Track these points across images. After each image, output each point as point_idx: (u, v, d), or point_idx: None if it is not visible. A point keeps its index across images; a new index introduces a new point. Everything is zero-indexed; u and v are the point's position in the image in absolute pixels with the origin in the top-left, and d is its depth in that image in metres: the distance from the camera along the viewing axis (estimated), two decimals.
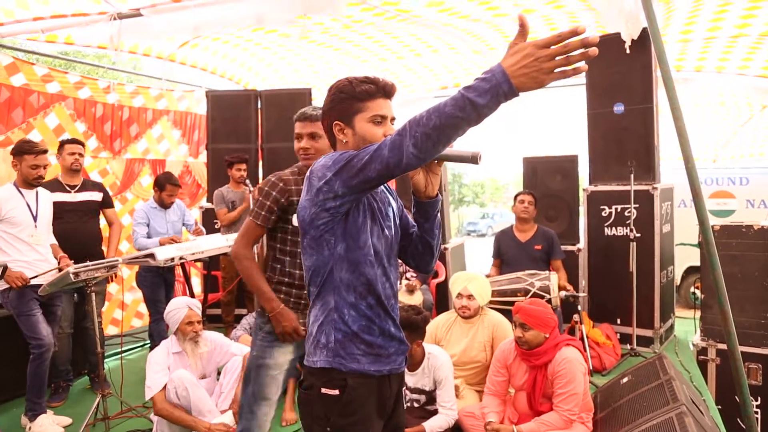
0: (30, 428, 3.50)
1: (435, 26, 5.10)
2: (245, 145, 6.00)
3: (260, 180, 6.13)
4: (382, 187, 1.76)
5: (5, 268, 2.74)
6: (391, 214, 1.76)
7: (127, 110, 6.24)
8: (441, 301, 5.41)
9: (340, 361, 1.61)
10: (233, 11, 3.76)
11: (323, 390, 1.63)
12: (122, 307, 5.71)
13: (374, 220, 1.67)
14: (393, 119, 1.71)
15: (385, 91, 1.69)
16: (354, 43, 6.05)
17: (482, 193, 36.81)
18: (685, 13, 4.82)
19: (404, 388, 3.25)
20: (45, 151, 3.69)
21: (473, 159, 1.56)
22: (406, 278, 4.86)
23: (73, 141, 4.29)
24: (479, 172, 36.22)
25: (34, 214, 3.66)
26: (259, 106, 6.12)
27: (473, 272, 4.03)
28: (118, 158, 6.20)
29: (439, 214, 1.77)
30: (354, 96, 1.66)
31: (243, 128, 6.09)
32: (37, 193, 3.74)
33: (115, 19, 4.17)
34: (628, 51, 4.57)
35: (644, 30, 4.52)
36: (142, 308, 6.37)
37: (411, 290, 4.70)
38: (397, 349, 1.70)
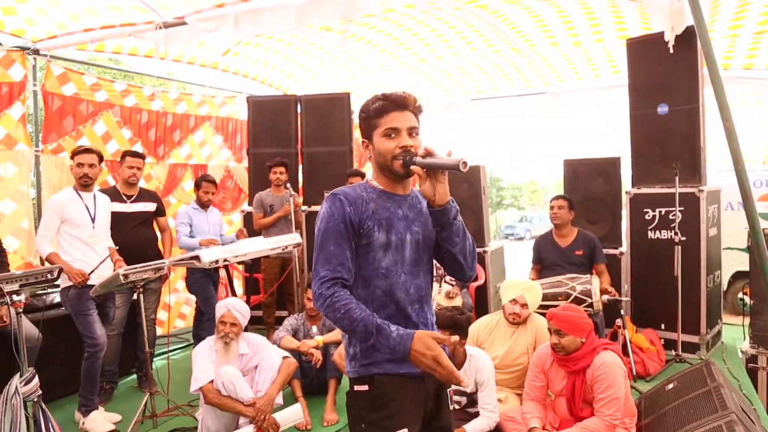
0: (83, 423, 3.64)
1: (473, 14, 5.06)
2: (285, 149, 6.10)
3: (300, 183, 6.22)
4: (386, 200, 1.79)
5: (60, 270, 2.86)
6: (401, 224, 1.78)
7: (170, 116, 6.43)
8: (480, 304, 5.38)
9: (368, 369, 1.75)
10: (273, 17, 3.83)
11: (355, 387, 1.77)
12: (167, 309, 5.87)
13: (381, 232, 1.75)
14: (411, 129, 1.76)
15: (397, 103, 1.76)
16: (389, 50, 6.10)
17: (520, 196, 36.37)
18: (733, 7, 4.68)
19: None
20: (88, 151, 3.83)
21: (458, 166, 1.62)
22: (446, 282, 4.85)
23: (134, 154, 4.43)
24: (518, 174, 35.80)
25: (92, 216, 3.81)
26: (299, 110, 6.21)
27: (529, 280, 4.02)
28: (161, 163, 6.38)
29: (458, 222, 1.77)
30: (370, 114, 1.78)
31: (283, 133, 6.19)
32: (94, 196, 3.89)
33: (160, 28, 4.30)
34: (671, 50, 4.46)
35: (689, 27, 4.41)
36: (185, 309, 6.55)
37: (450, 296, 4.69)
38: None
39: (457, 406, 3.29)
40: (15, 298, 2.61)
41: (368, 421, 1.72)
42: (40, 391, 2.64)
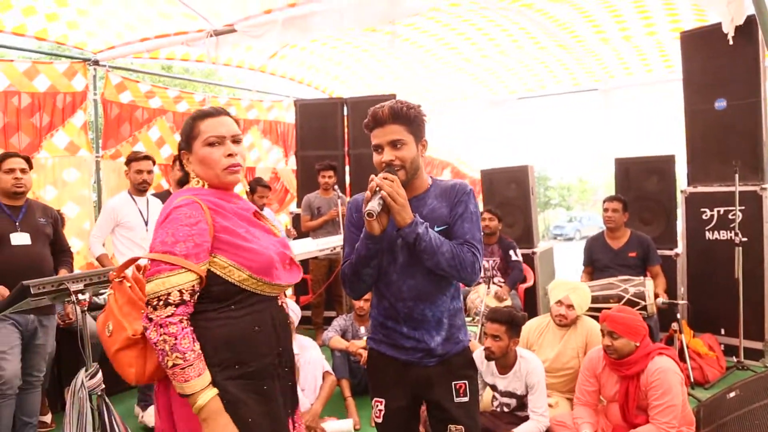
0: (142, 417, 3.79)
1: (519, 13, 5.01)
2: (332, 151, 6.17)
3: (347, 185, 6.28)
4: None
5: None
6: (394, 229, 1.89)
7: None
8: (529, 306, 5.30)
9: (370, 342, 2.11)
10: (320, 21, 3.89)
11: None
12: None
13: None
14: (392, 142, 1.88)
15: (376, 120, 1.91)
16: (433, 51, 6.09)
17: (569, 195, 35.58)
18: None
19: (494, 391, 3.26)
20: (147, 158, 4.01)
21: (365, 215, 1.78)
22: (494, 283, 4.81)
23: None
24: (566, 173, 35.05)
25: (146, 219, 3.97)
26: (345, 113, 6.28)
27: (576, 281, 3.95)
28: None
29: (423, 243, 1.83)
30: (366, 129, 1.97)
31: (330, 135, 6.26)
32: (147, 200, 4.05)
33: (211, 35, 4.43)
34: (731, 42, 4.28)
35: (749, 17, 4.22)
36: None
37: (499, 298, 4.63)
38: (415, 346, 1.97)
39: (506, 409, 3.26)
40: (80, 296, 2.72)
41: (370, 385, 2.12)
42: (104, 385, 2.75)
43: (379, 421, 2.04)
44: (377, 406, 2.04)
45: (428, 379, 1.99)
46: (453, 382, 1.99)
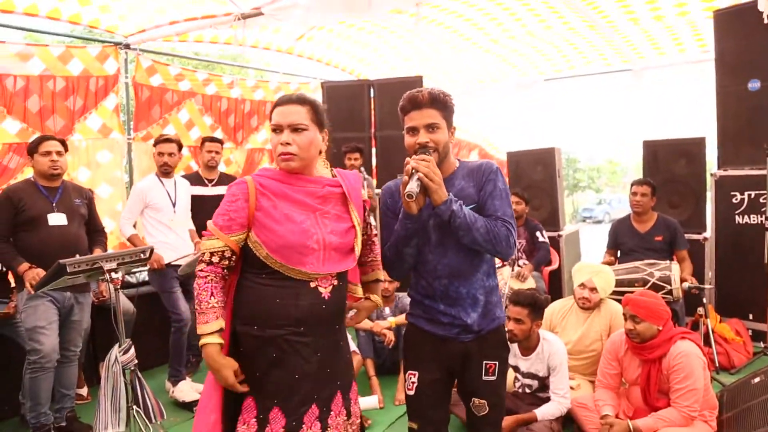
0: (173, 392, 3.94)
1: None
2: (359, 133, 6.18)
3: (374, 166, 6.31)
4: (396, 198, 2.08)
5: (152, 250, 3.09)
6: (425, 211, 1.98)
7: (248, 103, 6.68)
8: (554, 289, 5.29)
9: (410, 317, 2.18)
10: (346, 3, 3.89)
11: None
12: None
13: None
14: (428, 125, 1.96)
15: (414, 103, 1.98)
16: (460, 31, 6.03)
17: (598, 177, 34.97)
18: None
19: (516, 372, 3.30)
20: (168, 140, 4.10)
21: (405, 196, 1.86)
22: (518, 265, 4.82)
23: (212, 139, 4.67)
24: (596, 155, 34.41)
25: (173, 201, 4.07)
26: (372, 95, 6.28)
27: (600, 264, 3.94)
28: (240, 148, 6.66)
29: (458, 220, 1.91)
30: (401, 111, 2.03)
31: (357, 117, 6.27)
32: (175, 182, 4.15)
33: (239, 19, 4.48)
34: (766, 20, 4.15)
35: None
36: None
37: (521, 277, 4.65)
38: (451, 321, 2.04)
39: (528, 390, 3.30)
40: (113, 275, 2.83)
41: (404, 357, 2.24)
42: (136, 361, 2.86)
43: (411, 393, 2.11)
44: (410, 378, 2.11)
45: (464, 355, 2.07)
46: (484, 362, 2.08)
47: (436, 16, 5.59)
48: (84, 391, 4.05)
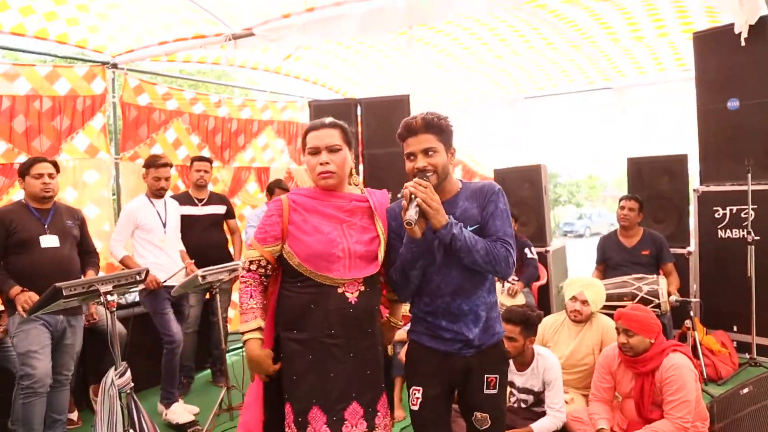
0: (166, 414, 3.89)
1: (532, 14, 5.05)
2: None
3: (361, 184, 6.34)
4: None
5: (147, 272, 3.09)
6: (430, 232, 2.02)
7: (235, 122, 6.68)
8: (543, 304, 5.36)
9: (412, 334, 2.23)
10: (338, 25, 3.95)
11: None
12: (234, 306, 6.10)
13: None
14: (425, 150, 2.03)
15: (409, 130, 2.06)
16: (447, 51, 6.13)
17: (578, 192, 35.43)
18: None
19: (512, 387, 3.33)
20: (166, 165, 4.11)
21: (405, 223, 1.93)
22: (508, 282, 4.87)
23: (201, 159, 4.69)
24: (575, 170, 34.84)
25: (164, 221, 4.06)
26: (359, 113, 6.33)
27: (591, 278, 4.01)
28: (227, 167, 6.65)
29: (458, 243, 1.97)
30: (399, 138, 2.11)
31: None
32: (165, 202, 4.14)
33: (230, 39, 4.50)
34: (743, 43, 4.31)
35: (763, 18, 4.25)
36: None
37: (512, 294, 4.71)
38: (454, 337, 2.10)
39: (523, 405, 3.33)
40: (109, 298, 2.81)
41: (406, 374, 2.28)
42: (132, 384, 2.84)
43: (416, 408, 2.17)
44: (414, 393, 2.18)
45: (465, 369, 2.13)
46: (485, 375, 2.13)
47: (422, 35, 5.69)
48: (74, 415, 3.97)
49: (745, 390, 3.19)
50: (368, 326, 2.11)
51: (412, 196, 1.93)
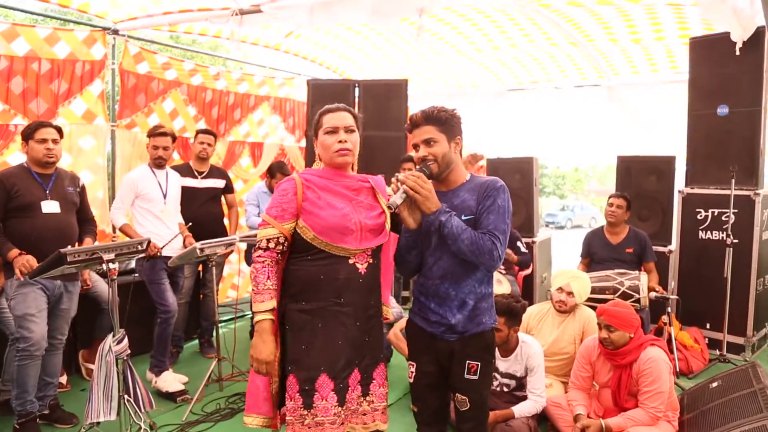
0: (156, 382, 3.96)
1: (535, 11, 5.12)
2: None
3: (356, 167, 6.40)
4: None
5: (149, 242, 3.13)
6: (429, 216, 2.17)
7: (232, 96, 6.67)
8: (527, 293, 5.50)
9: (410, 312, 2.40)
10: (348, 9, 3.96)
11: None
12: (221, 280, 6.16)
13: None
14: (426, 141, 2.20)
15: (413, 123, 2.23)
16: (446, 38, 6.17)
17: (563, 184, 35.79)
18: None
19: (495, 372, 3.47)
20: (164, 134, 4.13)
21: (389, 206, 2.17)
22: (499, 272, 5.00)
23: (206, 132, 4.71)
24: (562, 162, 35.17)
25: (164, 192, 4.10)
26: (357, 95, 6.36)
27: (578, 271, 4.15)
28: (221, 140, 6.64)
29: (446, 230, 2.12)
30: (407, 132, 2.29)
31: None
32: (167, 173, 4.17)
33: (236, 14, 4.49)
34: (738, 52, 4.43)
35: (759, 29, 4.38)
36: (236, 281, 6.86)
37: (496, 281, 4.84)
38: (438, 320, 2.23)
39: (506, 389, 3.47)
40: (111, 266, 2.86)
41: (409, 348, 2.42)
42: (129, 351, 2.91)
43: (411, 381, 2.37)
44: (410, 368, 2.36)
45: (449, 352, 2.26)
46: (467, 361, 2.24)
47: (423, 22, 5.71)
48: (63, 379, 4.01)
49: (714, 384, 3.37)
50: (373, 298, 2.24)
51: (400, 184, 2.11)
